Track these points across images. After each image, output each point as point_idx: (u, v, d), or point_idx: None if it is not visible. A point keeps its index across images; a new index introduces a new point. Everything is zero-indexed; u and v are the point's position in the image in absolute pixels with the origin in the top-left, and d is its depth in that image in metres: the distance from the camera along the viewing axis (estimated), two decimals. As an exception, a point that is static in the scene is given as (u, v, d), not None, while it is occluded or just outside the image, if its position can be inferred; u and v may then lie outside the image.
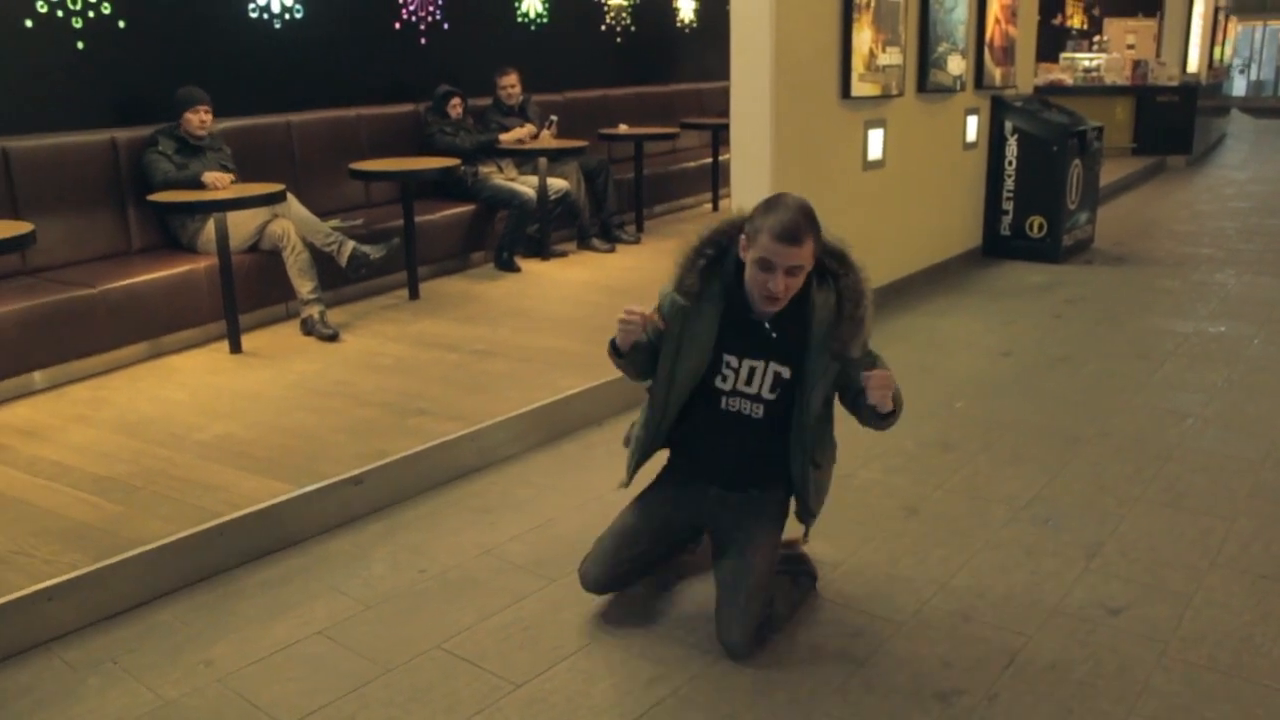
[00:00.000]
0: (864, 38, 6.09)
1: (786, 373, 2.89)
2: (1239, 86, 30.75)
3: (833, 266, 2.84)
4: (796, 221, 2.67)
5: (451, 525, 3.72)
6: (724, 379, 2.93)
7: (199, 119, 5.65)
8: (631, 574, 3.10)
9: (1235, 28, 24.67)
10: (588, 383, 4.77)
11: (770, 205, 2.74)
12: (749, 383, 2.93)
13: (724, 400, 2.97)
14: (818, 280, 2.83)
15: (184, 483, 3.76)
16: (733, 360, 2.91)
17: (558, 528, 3.72)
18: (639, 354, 2.95)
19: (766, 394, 2.93)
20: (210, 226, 5.49)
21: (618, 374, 4.16)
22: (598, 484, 4.06)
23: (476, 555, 3.51)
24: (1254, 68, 33.69)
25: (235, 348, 5.37)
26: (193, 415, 4.49)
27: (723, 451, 3.04)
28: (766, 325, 2.86)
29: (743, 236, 2.80)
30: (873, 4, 6.10)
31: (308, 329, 5.60)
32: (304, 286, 5.59)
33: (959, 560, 3.45)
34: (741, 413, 2.96)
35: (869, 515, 3.79)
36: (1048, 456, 4.32)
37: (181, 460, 3.98)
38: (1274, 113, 28.16)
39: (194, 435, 4.24)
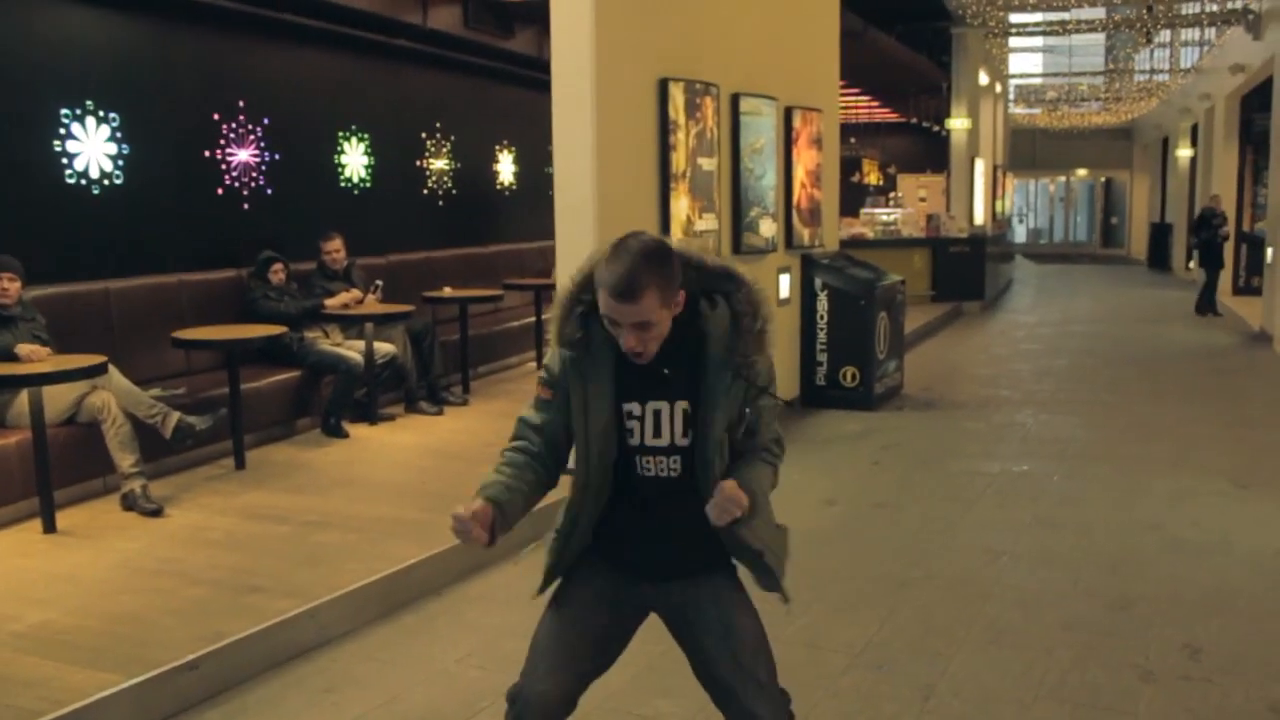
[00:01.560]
0: (682, 205, 6.44)
1: (690, 407, 2.45)
2: (1020, 234, 33.42)
3: (722, 287, 2.46)
4: (633, 274, 2.26)
5: (293, 708, 3.60)
6: (631, 433, 2.47)
7: (0, 287, 5.44)
8: (576, 689, 2.52)
9: (1012, 182, 26.95)
10: (425, 551, 4.73)
11: (613, 252, 2.32)
12: (657, 433, 2.46)
13: (638, 463, 2.48)
14: (709, 303, 2.44)
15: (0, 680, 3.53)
16: (634, 408, 2.46)
17: (403, 704, 3.65)
18: (510, 511, 2.45)
19: (679, 439, 2.46)
20: (22, 399, 5.25)
21: (454, 540, 4.09)
22: (441, 656, 4.01)
23: (321, 739, 3.40)
24: (1031, 217, 36.75)
25: (49, 527, 5.09)
26: (5, 603, 4.22)
27: (645, 530, 2.52)
28: (658, 364, 2.43)
29: None
30: (688, 173, 6.48)
31: (129, 504, 5.37)
32: (125, 460, 5.39)
33: (802, 711, 3.52)
34: (659, 475, 2.47)
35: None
36: (878, 602, 4.51)
37: (-7, 655, 3.73)
38: (1050, 258, 30.74)
39: (6, 626, 3.98)
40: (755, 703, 2.45)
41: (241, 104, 7.53)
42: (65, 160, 6.30)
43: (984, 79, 18.17)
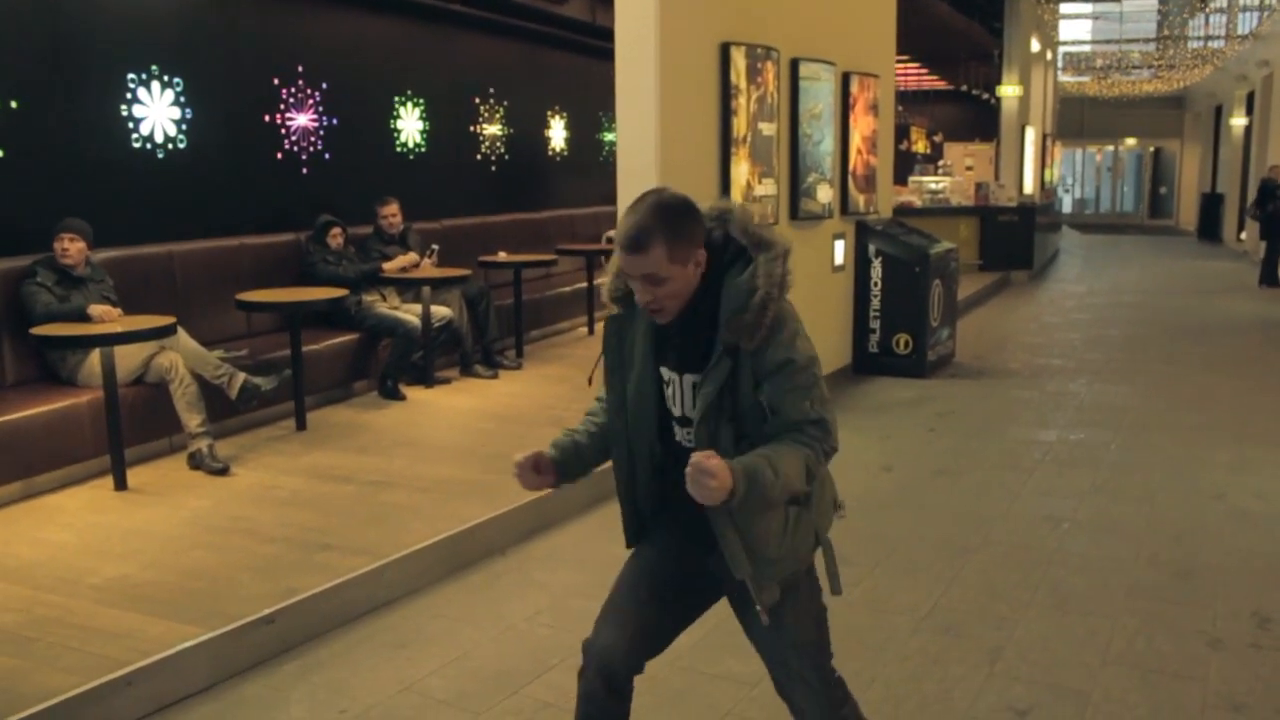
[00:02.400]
0: (742, 170, 6.42)
1: (699, 381, 2.32)
2: (1066, 204, 32.99)
3: (752, 249, 2.33)
4: (641, 226, 2.21)
5: (368, 662, 3.67)
6: (669, 401, 2.40)
7: (61, 247, 5.52)
8: (642, 647, 2.48)
9: (1060, 151, 26.59)
10: (489, 512, 4.79)
11: (630, 207, 2.29)
12: (676, 402, 2.39)
13: (673, 429, 2.42)
14: (741, 263, 2.32)
15: (83, 630, 3.62)
16: (666, 374, 2.39)
17: (475, 660, 3.71)
18: (571, 464, 2.50)
19: (689, 411, 2.35)
20: (93, 360, 5.36)
21: (519, 501, 4.18)
22: (509, 613, 4.07)
23: (397, 692, 3.46)
24: (1077, 187, 36.24)
25: (121, 484, 5.21)
26: (82, 558, 4.33)
27: (685, 500, 2.22)
28: (672, 330, 2.35)
29: None
30: (749, 138, 6.45)
31: (196, 463, 5.47)
32: (192, 420, 5.48)
33: (870, 673, 3.57)
34: (685, 445, 2.36)
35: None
36: (940, 566, 4.51)
37: (77, 607, 3.83)
38: (1096, 228, 30.33)
39: (87, 579, 4.09)
40: (804, 701, 2.44)
41: (300, 69, 7.58)
42: (131, 125, 6.39)
43: (1035, 46, 17.89)
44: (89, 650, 3.46)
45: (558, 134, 11.13)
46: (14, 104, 5.76)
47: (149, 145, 6.50)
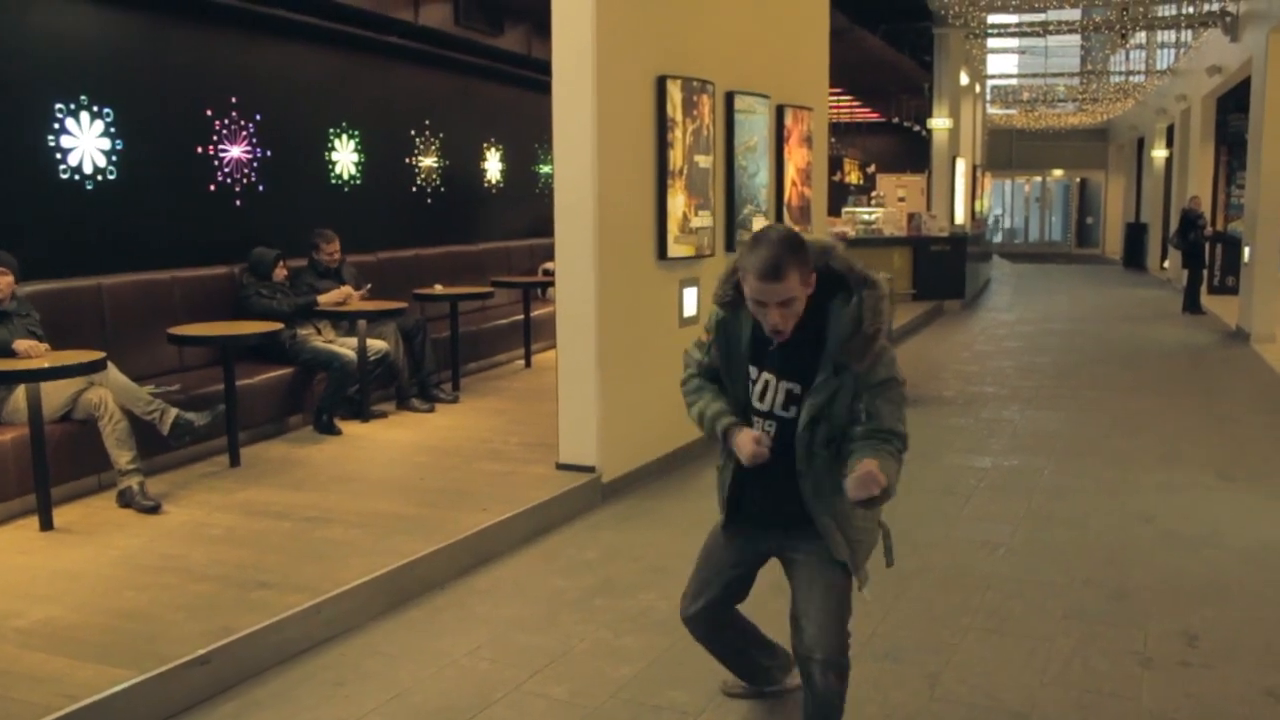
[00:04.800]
0: (678, 202, 6.47)
1: (797, 389, 2.81)
2: (996, 235, 33.66)
3: (856, 285, 2.75)
4: (777, 256, 2.63)
5: (307, 701, 3.60)
6: (754, 394, 2.89)
7: None
8: (722, 600, 3.21)
9: (989, 182, 27.16)
10: (428, 547, 4.73)
11: (754, 242, 2.71)
12: (762, 399, 2.87)
13: (751, 420, 2.91)
14: (844, 299, 2.75)
15: (6, 675, 3.50)
16: (753, 371, 2.88)
17: (415, 697, 3.65)
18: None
19: (778, 409, 2.85)
20: (18, 396, 5.23)
21: (459, 535, 4.18)
22: (450, 649, 4.02)
23: (335, 731, 3.41)
24: (1006, 217, 37.01)
25: (46, 524, 5.07)
26: (5, 600, 4.19)
27: (754, 480, 2.94)
28: (777, 343, 2.80)
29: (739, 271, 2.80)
30: (685, 170, 6.51)
31: (126, 501, 5.35)
32: (122, 457, 5.36)
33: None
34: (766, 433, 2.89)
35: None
36: (879, 592, 4.52)
37: (1, 651, 3.71)
38: (1026, 257, 30.99)
39: (10, 622, 3.96)
40: (823, 671, 2.88)
41: (234, 100, 7.50)
42: (59, 155, 6.27)
43: (965, 79, 18.30)
44: (12, 696, 3.36)
45: (493, 166, 11.13)
46: (-64, 135, 5.63)
47: (77, 176, 6.38)
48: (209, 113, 7.32)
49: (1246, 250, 13.17)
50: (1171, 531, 5.42)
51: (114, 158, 6.58)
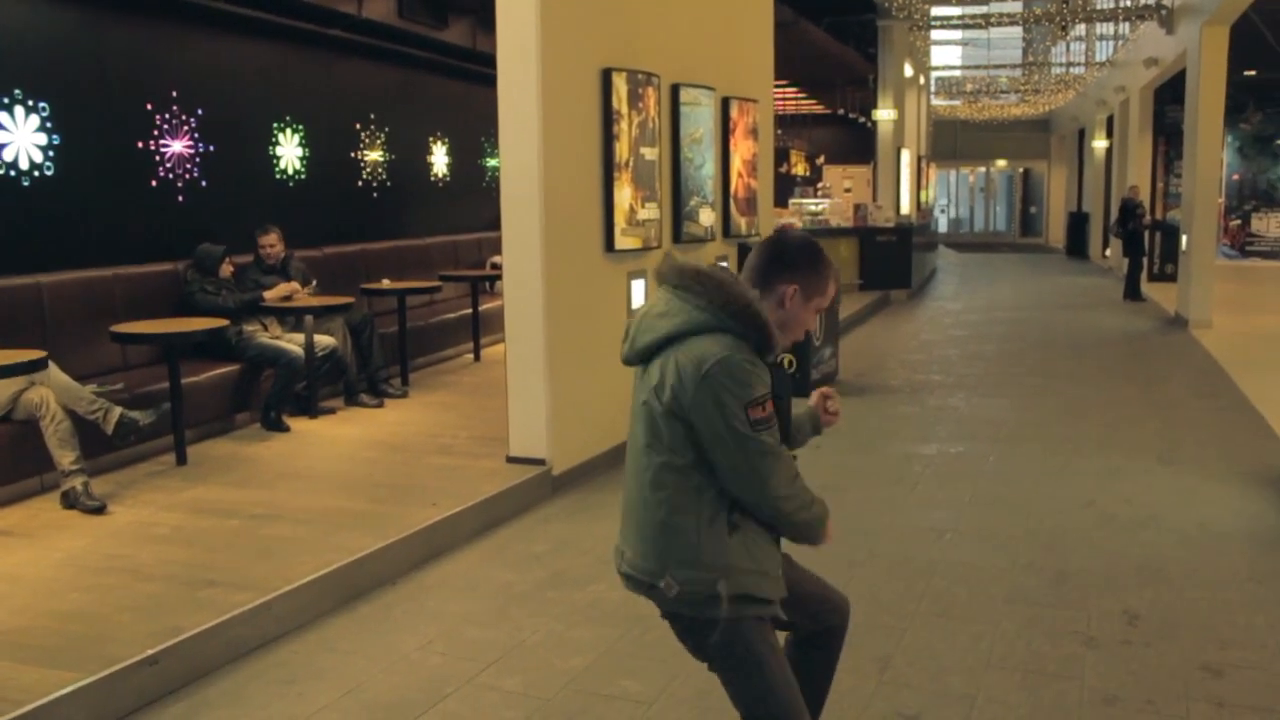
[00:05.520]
0: (625, 194, 6.48)
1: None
2: (941, 224, 34.03)
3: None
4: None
5: (258, 699, 3.59)
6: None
7: None
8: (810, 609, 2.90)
9: (934, 172, 27.44)
10: (378, 542, 4.73)
11: (814, 253, 2.50)
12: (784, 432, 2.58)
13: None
14: None
15: (-52, 681, 3.46)
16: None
17: (367, 693, 3.65)
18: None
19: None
20: (-44, 398, 5.15)
21: (408, 530, 4.14)
22: (401, 644, 4.02)
23: (287, 729, 3.40)
24: (952, 207, 37.42)
25: (-13, 527, 5.00)
26: (-54, 605, 4.14)
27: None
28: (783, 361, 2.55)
29: (790, 288, 2.44)
30: (631, 163, 6.52)
31: (70, 502, 5.27)
32: (65, 457, 5.28)
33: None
34: None
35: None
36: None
37: (-58, 656, 3.66)
38: (971, 246, 31.38)
39: (-48, 627, 3.91)
40: (839, 599, 2.95)
41: (175, 94, 7.40)
42: (-7, 151, 6.16)
43: (909, 71, 18.49)
44: (-44, 701, 3.31)
45: (440, 160, 11.08)
46: None
47: (12, 172, 6.27)
48: (149, 107, 7.22)
49: (1184, 238, 13.46)
50: (1112, 515, 5.54)
51: (51, 153, 6.47)
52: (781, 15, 10.33)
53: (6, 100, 6.21)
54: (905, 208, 17.91)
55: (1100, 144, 24.21)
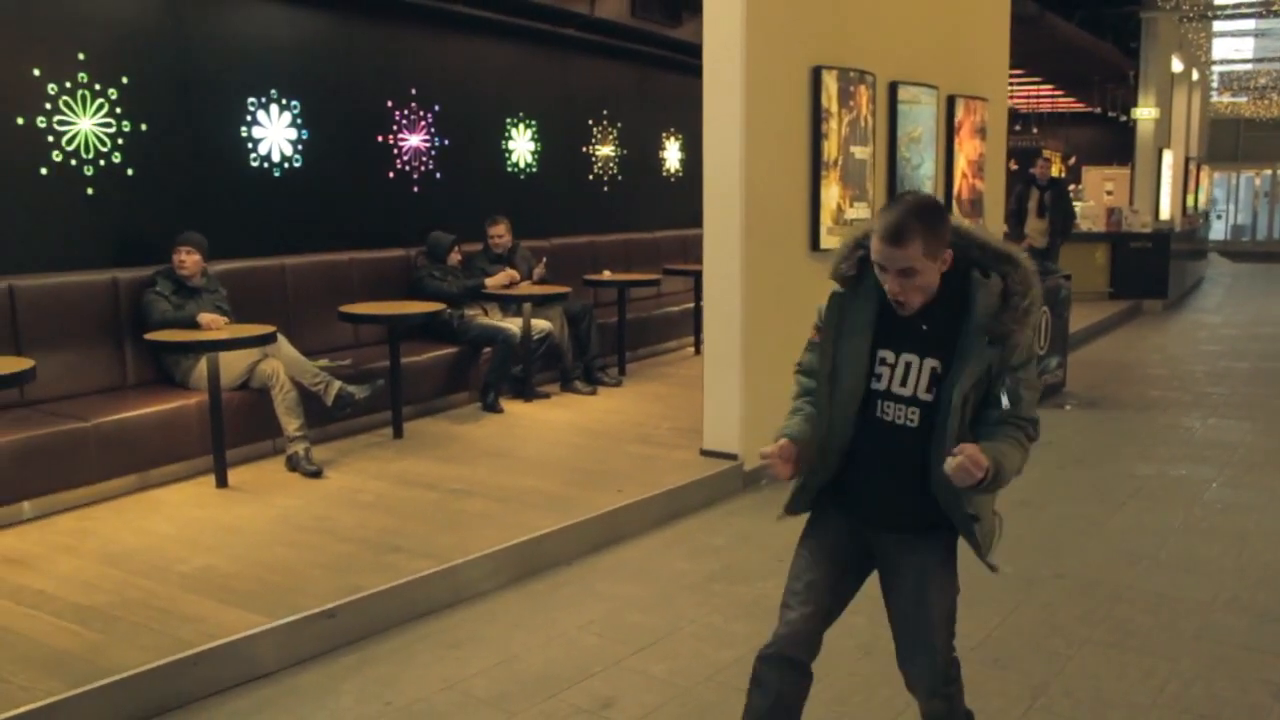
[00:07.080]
0: (832, 193, 6.44)
1: (940, 367, 2.58)
2: (1217, 231, 31.57)
3: (1000, 268, 2.57)
4: (902, 222, 2.45)
5: (420, 660, 3.84)
6: (878, 378, 2.64)
7: (179, 259, 5.91)
8: (816, 628, 2.77)
9: (1210, 176, 25.54)
10: (560, 523, 4.93)
11: (889, 203, 2.56)
12: (904, 382, 2.61)
13: (879, 406, 2.64)
14: (981, 273, 2.56)
15: (164, 613, 3.89)
16: (888, 355, 2.62)
17: (520, 663, 3.84)
18: (806, 444, 2.69)
19: (922, 394, 2.59)
20: (203, 364, 5.72)
21: (590, 513, 4.26)
22: (562, 621, 4.19)
23: (441, 690, 3.62)
24: (1231, 212, 34.64)
25: (221, 482, 5.54)
26: (177, 547, 4.63)
27: (876, 475, 2.67)
28: (913, 320, 2.58)
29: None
30: (840, 161, 6.47)
31: (292, 465, 5.77)
32: (290, 424, 5.79)
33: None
34: (895, 422, 2.62)
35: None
36: (1002, 598, 4.45)
37: (163, 591, 4.11)
38: (1251, 256, 28.88)
39: (176, 567, 4.38)
40: (924, 670, 2.68)
41: (413, 92, 7.91)
42: (250, 145, 6.79)
43: (1178, 66, 17.29)
44: (166, 631, 3.73)
45: (673, 155, 11.29)
46: (143, 126, 6.20)
47: (266, 164, 6.89)
48: (389, 104, 7.76)
49: None
50: (1342, 555, 5.07)
51: (300, 147, 7.07)
52: (1023, 9, 9.91)
53: (264, 99, 6.83)
54: (1166, 212, 16.77)
55: None
